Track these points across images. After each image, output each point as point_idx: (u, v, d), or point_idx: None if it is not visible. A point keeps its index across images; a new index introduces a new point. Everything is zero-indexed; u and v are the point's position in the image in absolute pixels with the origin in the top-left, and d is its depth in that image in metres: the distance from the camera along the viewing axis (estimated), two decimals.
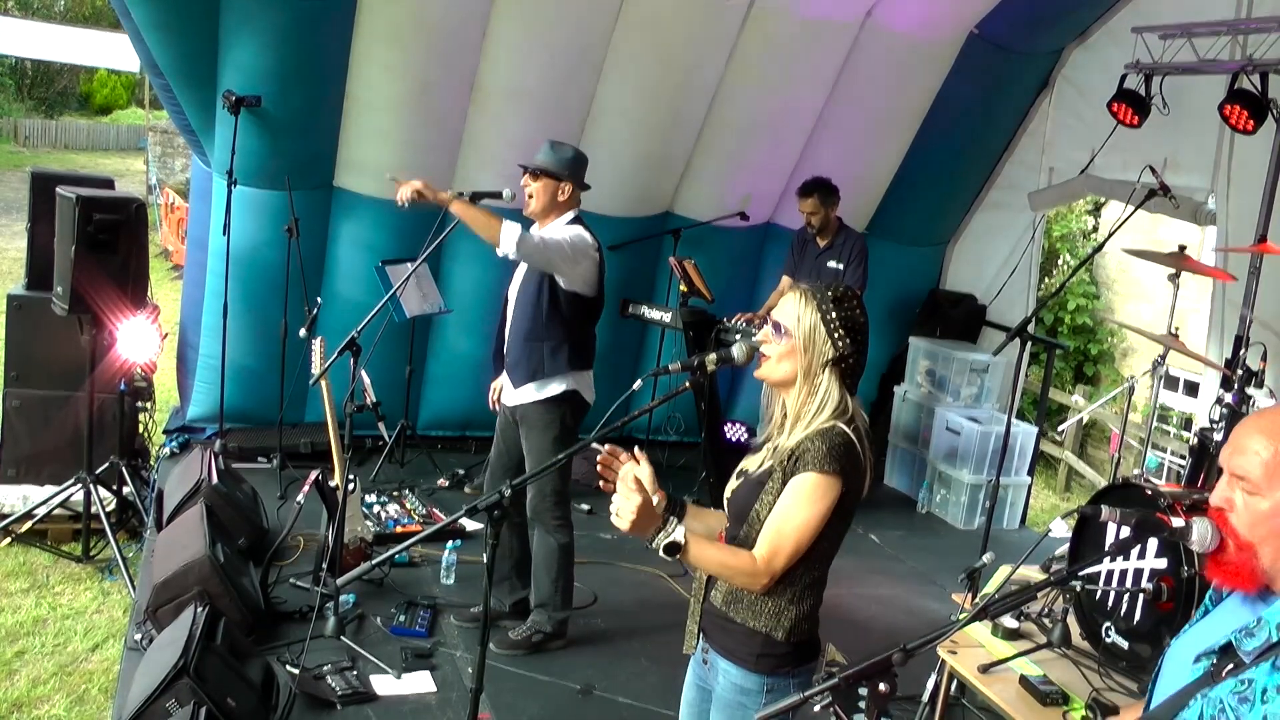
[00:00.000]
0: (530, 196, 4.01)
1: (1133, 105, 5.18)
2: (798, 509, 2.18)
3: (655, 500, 2.21)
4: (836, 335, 2.25)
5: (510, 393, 4.15)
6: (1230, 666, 1.62)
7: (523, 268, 4.11)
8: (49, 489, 5.25)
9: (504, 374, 4.21)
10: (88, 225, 4.76)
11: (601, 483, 2.25)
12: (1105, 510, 2.29)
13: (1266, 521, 1.62)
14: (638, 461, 2.26)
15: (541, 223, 4.07)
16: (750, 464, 2.38)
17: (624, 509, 2.08)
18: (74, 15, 32.13)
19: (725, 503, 2.39)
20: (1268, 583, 1.65)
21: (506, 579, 4.37)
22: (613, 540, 5.49)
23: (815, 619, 2.33)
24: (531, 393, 4.06)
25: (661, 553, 2.11)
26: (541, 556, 4.20)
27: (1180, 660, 1.74)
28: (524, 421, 4.10)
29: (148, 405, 5.97)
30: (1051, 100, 6.55)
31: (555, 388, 4.04)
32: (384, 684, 3.80)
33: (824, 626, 2.39)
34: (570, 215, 4.08)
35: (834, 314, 2.26)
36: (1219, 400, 4.07)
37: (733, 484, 2.39)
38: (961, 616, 1.83)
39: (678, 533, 2.10)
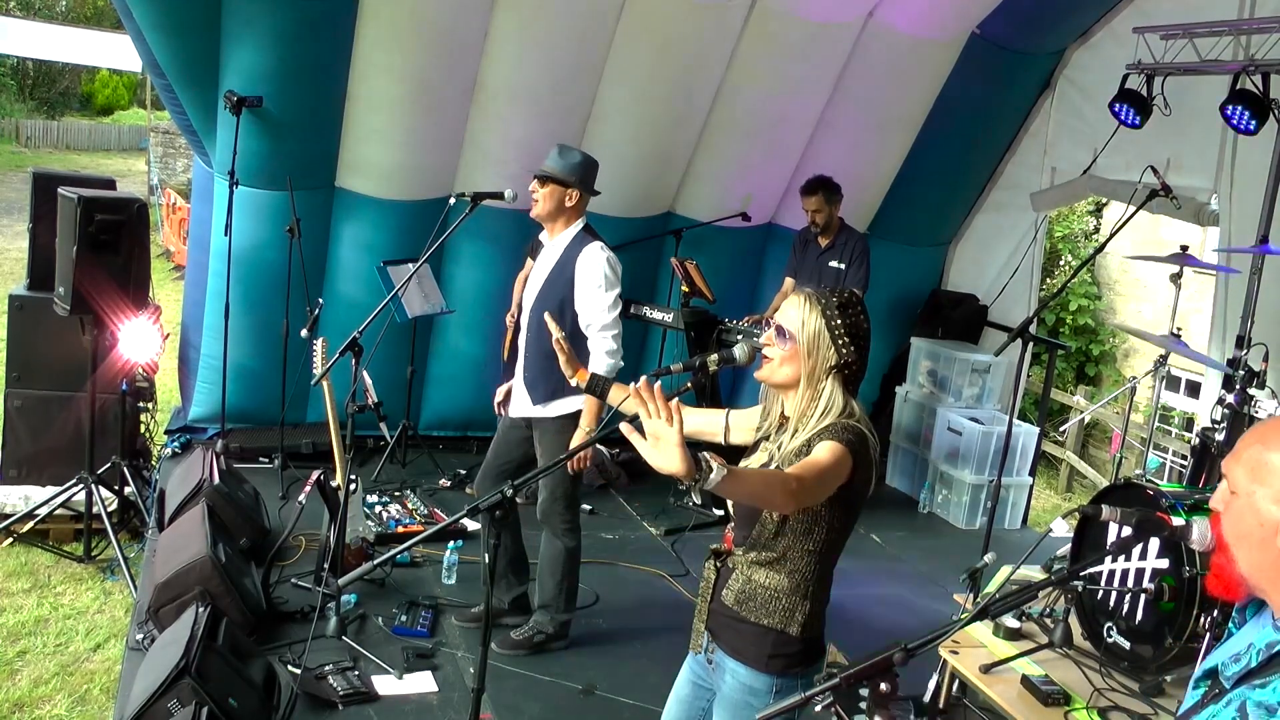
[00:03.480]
0: (536, 200, 3.98)
1: (1135, 105, 5.18)
2: (821, 456, 2.14)
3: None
4: (840, 342, 2.24)
5: (525, 406, 4.09)
6: (1215, 692, 1.61)
7: (537, 278, 4.07)
8: (51, 489, 5.26)
9: (513, 384, 4.18)
10: (89, 226, 4.77)
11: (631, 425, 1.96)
12: (1106, 510, 2.30)
13: (1241, 519, 1.59)
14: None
15: (549, 228, 4.04)
16: (752, 465, 2.37)
17: (666, 435, 1.85)
18: (76, 15, 32.21)
19: (732, 504, 2.38)
20: (1254, 593, 1.62)
21: (503, 576, 4.36)
22: (614, 540, 5.50)
23: (823, 617, 2.34)
24: (550, 409, 4.02)
25: (709, 481, 1.89)
26: (548, 558, 4.19)
27: (1191, 683, 1.74)
28: (538, 427, 4.08)
29: (149, 405, 5.98)
30: (1053, 100, 6.54)
31: (573, 405, 4.00)
32: (385, 684, 3.80)
33: (826, 626, 2.39)
34: (579, 224, 4.03)
35: (839, 320, 2.24)
36: (1221, 401, 4.06)
37: None
38: (963, 616, 1.82)
39: (711, 465, 1.89)
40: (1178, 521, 1.84)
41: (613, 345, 3.92)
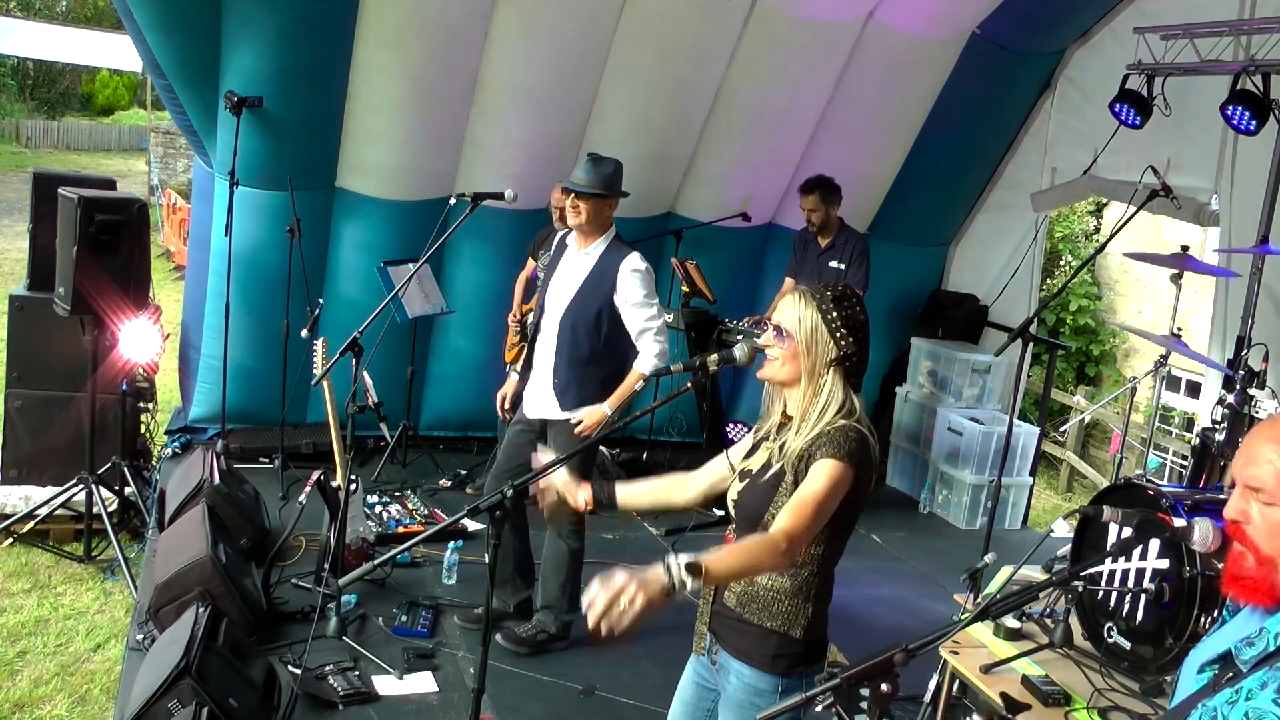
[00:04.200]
0: (578, 214, 3.97)
1: (1135, 105, 5.17)
2: (816, 486, 2.16)
3: (577, 493, 2.44)
4: (839, 334, 2.25)
5: (550, 409, 4.08)
6: (1230, 675, 1.60)
7: (567, 284, 4.07)
8: (51, 489, 5.26)
9: (531, 387, 4.17)
10: (90, 226, 4.77)
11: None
12: (1107, 510, 2.30)
13: None
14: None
15: (584, 238, 4.06)
16: (753, 465, 2.37)
17: (622, 596, 1.89)
18: (76, 16, 32.18)
19: (732, 505, 2.39)
20: None
21: (509, 580, 4.37)
22: (614, 540, 5.50)
23: (826, 618, 2.34)
24: (577, 414, 4.02)
25: (688, 591, 1.92)
26: (552, 560, 4.20)
27: (1191, 669, 1.74)
28: (555, 428, 4.09)
29: (149, 406, 5.98)
30: (1053, 100, 6.54)
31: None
32: (386, 684, 3.81)
33: (828, 626, 2.39)
34: (612, 232, 4.09)
35: (835, 313, 2.26)
36: (1221, 401, 4.06)
37: (737, 486, 2.38)
38: (963, 617, 1.82)
39: (683, 574, 1.89)
40: (1179, 522, 1.84)
41: (663, 346, 4.02)
